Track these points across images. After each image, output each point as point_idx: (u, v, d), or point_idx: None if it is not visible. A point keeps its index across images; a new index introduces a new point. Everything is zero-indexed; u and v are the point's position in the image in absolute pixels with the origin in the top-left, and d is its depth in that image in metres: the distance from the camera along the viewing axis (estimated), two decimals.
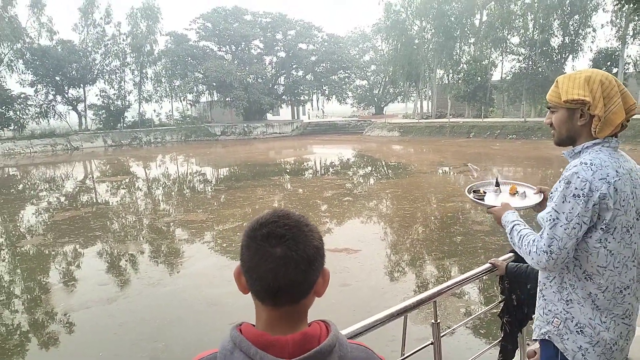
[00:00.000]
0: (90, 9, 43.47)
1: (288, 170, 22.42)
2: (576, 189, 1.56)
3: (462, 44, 42.44)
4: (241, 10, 49.95)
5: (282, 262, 0.88)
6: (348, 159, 25.92)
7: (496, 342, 2.72)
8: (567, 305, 1.69)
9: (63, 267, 8.70)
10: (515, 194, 2.24)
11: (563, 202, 1.58)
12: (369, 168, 22.63)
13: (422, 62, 42.50)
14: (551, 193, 1.66)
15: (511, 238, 1.82)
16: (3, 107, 38.68)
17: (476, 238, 9.14)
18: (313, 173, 21.16)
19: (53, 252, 9.49)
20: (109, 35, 44.56)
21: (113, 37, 44.68)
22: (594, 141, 1.66)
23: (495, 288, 6.23)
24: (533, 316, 2.67)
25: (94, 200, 16.05)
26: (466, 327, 5.43)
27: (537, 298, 1.83)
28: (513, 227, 1.82)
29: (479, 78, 36.73)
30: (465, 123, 35.15)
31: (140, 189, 18.54)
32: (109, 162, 28.93)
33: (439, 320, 2.25)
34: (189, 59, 46.07)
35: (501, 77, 39.14)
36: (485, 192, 2.26)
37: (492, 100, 39.50)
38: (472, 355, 2.67)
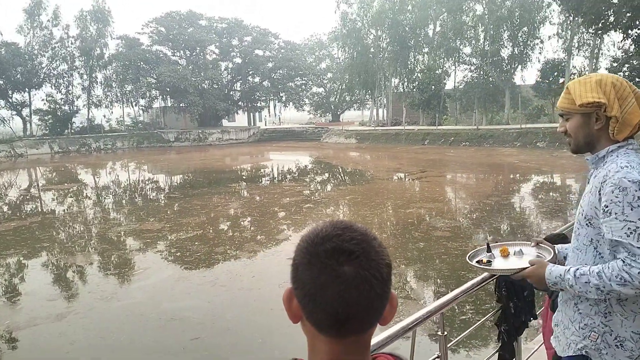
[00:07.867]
0: (36, 11, 41.49)
1: (245, 177, 22.08)
2: (636, 191, 1.47)
3: (417, 53, 43.30)
4: (196, 15, 49.12)
5: (354, 284, 0.71)
6: (306, 166, 25.83)
7: (494, 352, 2.67)
8: (605, 318, 1.61)
9: (7, 281, 8.13)
10: (507, 255, 2.04)
11: (632, 209, 1.46)
12: (327, 174, 22.63)
13: (377, 70, 43.10)
14: (606, 207, 1.52)
15: (582, 287, 1.57)
16: None
17: (438, 244, 9.23)
18: (271, 180, 20.93)
19: None
20: (57, 38, 42.67)
21: (61, 40, 42.82)
22: (618, 144, 1.62)
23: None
24: (530, 323, 2.64)
25: (40, 210, 15.21)
26: (469, 339, 5.37)
27: (572, 312, 1.71)
28: (575, 275, 1.60)
29: (433, 87, 37.57)
30: (420, 130, 35.85)
31: (90, 198, 17.74)
32: (56, 170, 27.61)
33: (446, 333, 2.17)
34: (142, 63, 44.80)
35: (454, 86, 40.21)
36: (489, 261, 2.02)
37: (446, 109, 40.50)
38: None
